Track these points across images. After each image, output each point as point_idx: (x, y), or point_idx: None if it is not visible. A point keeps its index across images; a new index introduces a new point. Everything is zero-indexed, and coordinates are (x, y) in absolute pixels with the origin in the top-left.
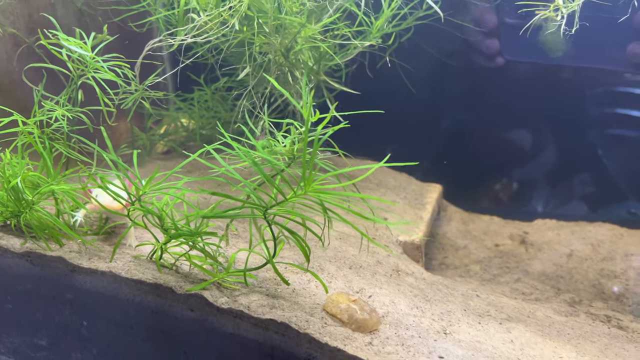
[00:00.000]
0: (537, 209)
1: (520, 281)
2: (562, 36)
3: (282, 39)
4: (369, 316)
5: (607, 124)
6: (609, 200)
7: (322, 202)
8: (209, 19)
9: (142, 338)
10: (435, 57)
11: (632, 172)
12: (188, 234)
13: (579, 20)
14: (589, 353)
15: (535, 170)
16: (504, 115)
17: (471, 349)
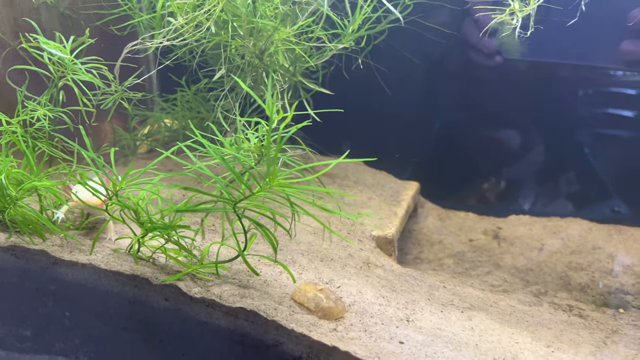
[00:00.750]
0: (523, 207)
1: (490, 274)
2: (518, 38)
3: (256, 42)
4: (335, 304)
5: (594, 123)
6: (594, 199)
7: (288, 197)
8: (185, 22)
9: (121, 327)
10: (410, 59)
11: (617, 170)
12: (162, 227)
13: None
14: (544, 338)
15: (520, 169)
16: (487, 114)
17: (431, 335)
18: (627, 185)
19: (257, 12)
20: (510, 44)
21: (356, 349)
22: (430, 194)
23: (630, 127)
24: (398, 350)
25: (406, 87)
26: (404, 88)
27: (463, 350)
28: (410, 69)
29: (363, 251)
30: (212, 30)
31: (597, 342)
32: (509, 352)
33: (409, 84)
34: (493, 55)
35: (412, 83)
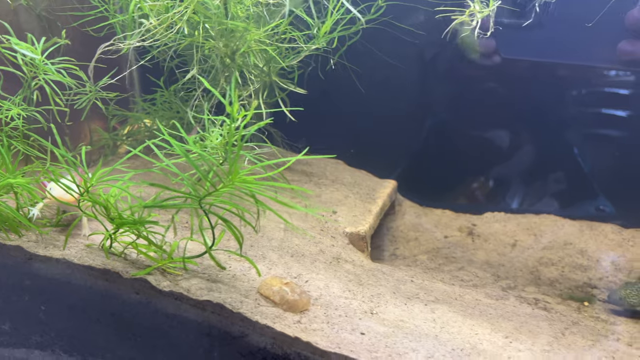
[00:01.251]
0: (510, 205)
1: (463, 269)
2: (477, 38)
3: (228, 42)
4: (299, 297)
5: (576, 121)
6: (580, 197)
7: (253, 194)
8: (158, 23)
9: (94, 320)
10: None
11: (604, 170)
12: (131, 222)
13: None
14: (504, 330)
15: (503, 168)
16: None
17: (393, 327)
18: (612, 184)
19: (229, 14)
20: (469, 43)
21: (318, 339)
22: (409, 192)
23: (617, 127)
24: (358, 341)
25: (384, 87)
26: (381, 88)
27: (422, 340)
28: (387, 70)
29: (335, 247)
30: (184, 32)
31: (556, 333)
32: (467, 342)
33: (386, 84)
34: (491, 54)
35: (389, 83)
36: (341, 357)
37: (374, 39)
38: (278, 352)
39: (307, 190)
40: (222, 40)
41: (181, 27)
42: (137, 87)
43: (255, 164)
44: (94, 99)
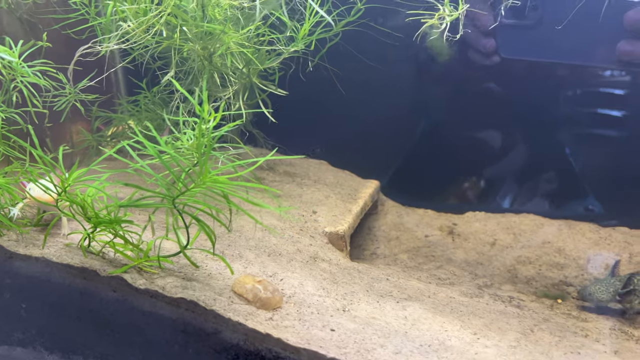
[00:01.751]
0: (502, 205)
1: (441, 268)
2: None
3: (205, 45)
4: (272, 295)
5: (575, 122)
6: (569, 197)
7: (225, 194)
8: (136, 26)
9: (74, 317)
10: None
11: (595, 170)
12: (107, 221)
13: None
14: (473, 326)
15: (497, 169)
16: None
17: (363, 324)
18: (601, 184)
19: (206, 17)
20: (438, 46)
21: (288, 335)
22: (391, 192)
23: (609, 127)
24: (328, 337)
25: (366, 89)
26: (364, 90)
27: (391, 337)
28: (369, 71)
29: (312, 246)
30: (163, 34)
31: (525, 329)
32: (436, 339)
33: (369, 86)
34: (491, 54)
35: (372, 85)
36: (310, 352)
37: (356, 40)
38: (250, 349)
39: (275, 190)
40: (200, 42)
41: (158, 29)
42: (122, 89)
43: (228, 165)
44: (74, 101)
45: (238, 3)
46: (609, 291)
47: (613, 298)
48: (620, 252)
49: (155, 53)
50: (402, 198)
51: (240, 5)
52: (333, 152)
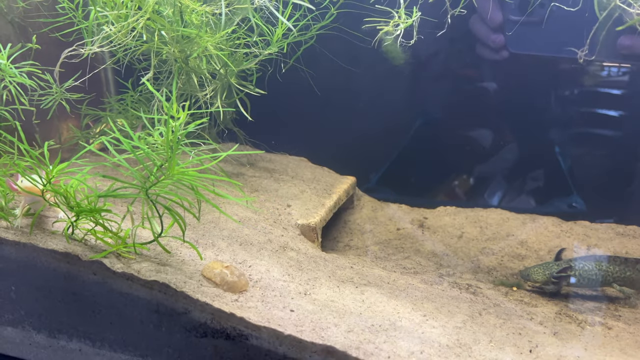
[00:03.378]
0: (490, 202)
1: (408, 258)
2: (401, 46)
3: (183, 48)
4: (238, 279)
5: (565, 121)
6: (554, 195)
7: (192, 185)
8: (117, 29)
9: (59, 300)
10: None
11: (581, 168)
12: (88, 210)
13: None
14: (424, 309)
15: (487, 167)
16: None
17: (322, 306)
18: (585, 182)
19: (184, 21)
20: (393, 51)
21: (250, 315)
22: (367, 187)
23: (596, 126)
24: (287, 317)
25: (343, 89)
26: (341, 89)
27: (346, 317)
28: (345, 72)
29: (284, 237)
30: (143, 37)
31: (473, 313)
32: (387, 319)
33: (345, 85)
34: (500, 49)
35: (347, 85)
36: (270, 330)
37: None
38: (217, 327)
39: (237, 182)
40: (177, 46)
41: (137, 33)
42: (112, 88)
43: (196, 158)
44: (61, 99)
45: (211, 10)
46: (545, 274)
47: (547, 280)
48: (579, 244)
49: (136, 55)
50: (377, 193)
51: (212, 11)
52: (312, 149)
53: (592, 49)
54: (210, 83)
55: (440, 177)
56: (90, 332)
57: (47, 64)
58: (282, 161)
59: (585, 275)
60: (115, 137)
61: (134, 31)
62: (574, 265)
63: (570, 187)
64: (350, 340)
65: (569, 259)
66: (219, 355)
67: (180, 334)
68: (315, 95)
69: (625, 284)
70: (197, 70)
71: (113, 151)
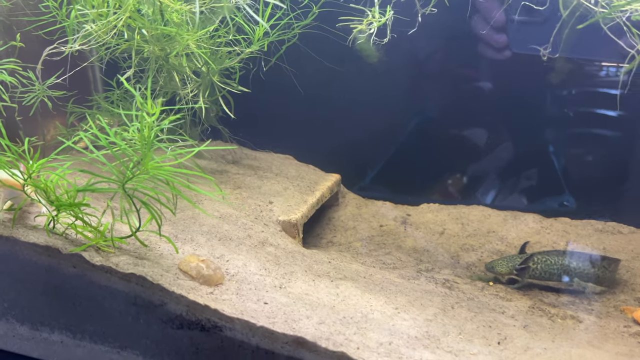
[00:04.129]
0: (483, 200)
1: (389, 254)
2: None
3: (163, 46)
4: (214, 272)
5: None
6: (547, 193)
7: (167, 180)
8: (98, 28)
9: (40, 292)
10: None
11: (574, 167)
12: (67, 204)
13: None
14: (397, 303)
15: (482, 165)
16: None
17: (296, 299)
18: (577, 181)
19: (164, 20)
20: (366, 49)
21: (224, 307)
22: (352, 185)
23: (592, 126)
24: (260, 309)
25: (329, 87)
26: (328, 87)
27: (318, 310)
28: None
29: (264, 233)
30: (125, 36)
31: (445, 306)
32: (360, 312)
33: (332, 84)
34: (503, 49)
35: (334, 83)
36: (243, 321)
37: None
38: (192, 319)
39: (211, 177)
40: (157, 44)
41: (117, 31)
42: (100, 86)
43: (170, 153)
44: (44, 97)
45: (189, 8)
46: (508, 265)
47: (510, 272)
48: (557, 240)
49: (117, 53)
50: (362, 191)
51: (191, 10)
52: (299, 147)
53: (556, 47)
54: (190, 81)
55: (429, 175)
56: (71, 324)
57: (33, 62)
58: (267, 159)
59: (547, 269)
60: (94, 133)
61: (115, 29)
62: (536, 258)
63: (562, 186)
64: (320, 332)
65: (531, 253)
66: (195, 346)
67: (157, 326)
68: (301, 93)
69: (590, 280)
70: (178, 68)
71: (91, 147)
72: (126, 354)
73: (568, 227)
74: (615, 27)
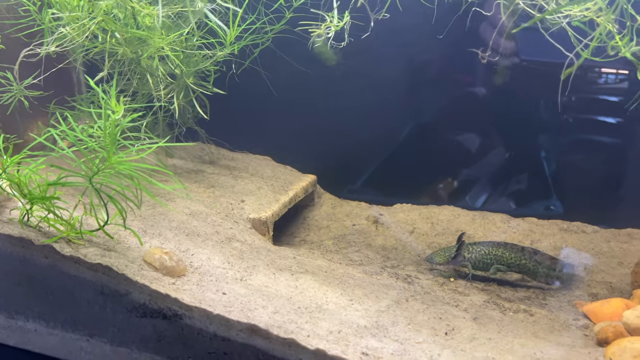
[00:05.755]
0: (472, 204)
1: (359, 252)
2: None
3: (135, 49)
4: (176, 264)
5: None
6: (533, 197)
7: (130, 174)
8: (72, 30)
9: (15, 283)
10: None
11: (564, 172)
12: (39, 198)
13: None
14: (352, 295)
15: (475, 169)
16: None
17: (255, 290)
18: (564, 186)
19: (137, 23)
20: (324, 52)
21: (184, 296)
22: (328, 185)
23: (578, 132)
24: (218, 299)
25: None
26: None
27: (275, 300)
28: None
29: (232, 230)
30: (99, 39)
31: (400, 299)
32: (315, 303)
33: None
34: (511, 56)
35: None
36: (201, 310)
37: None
38: (154, 307)
39: (170, 172)
40: (130, 47)
41: (93, 34)
42: (83, 87)
43: (132, 148)
44: (22, 97)
45: (155, 12)
46: (445, 256)
47: (446, 261)
48: (522, 239)
49: (91, 55)
50: (338, 191)
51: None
52: (277, 149)
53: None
54: (163, 82)
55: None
56: (44, 313)
57: (14, 63)
58: (245, 160)
59: (480, 259)
60: (64, 130)
61: (88, 32)
62: (471, 248)
63: (550, 190)
64: (274, 320)
65: (467, 243)
66: (158, 334)
67: (122, 314)
68: (279, 95)
69: (521, 272)
70: (150, 70)
71: (62, 143)
72: (95, 342)
73: (534, 227)
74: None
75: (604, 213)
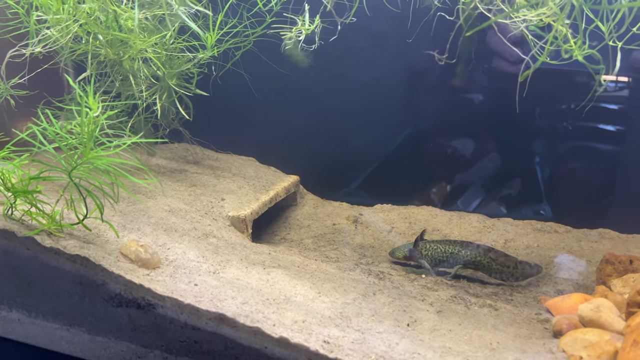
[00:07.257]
0: (464, 208)
1: (336, 250)
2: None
3: (117, 51)
4: (151, 256)
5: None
6: (524, 202)
7: (106, 169)
8: (56, 32)
9: (0, 273)
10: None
11: (555, 177)
12: (22, 191)
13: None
14: (321, 288)
15: (467, 174)
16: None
17: (226, 283)
18: (554, 191)
19: (120, 26)
20: (295, 54)
21: (157, 287)
22: (311, 186)
23: (573, 139)
24: (189, 289)
25: (287, 91)
26: (286, 92)
27: (244, 292)
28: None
29: (210, 226)
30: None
31: (367, 292)
32: (283, 295)
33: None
34: (518, 62)
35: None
36: (172, 299)
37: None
38: (129, 297)
39: (144, 167)
40: (112, 49)
41: (74, 36)
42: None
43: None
44: (8, 96)
45: (143, 15)
46: (404, 251)
47: (405, 256)
48: (497, 239)
49: (75, 56)
50: (320, 192)
51: (145, 17)
52: (261, 150)
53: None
54: (144, 83)
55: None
56: (26, 303)
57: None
58: (229, 160)
59: (436, 256)
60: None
61: (72, 34)
62: (428, 245)
63: (541, 195)
64: (242, 310)
65: (425, 240)
66: (133, 323)
67: (100, 304)
68: (264, 97)
69: (477, 268)
70: (132, 72)
71: (42, 139)
72: (74, 331)
73: (509, 227)
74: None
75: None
